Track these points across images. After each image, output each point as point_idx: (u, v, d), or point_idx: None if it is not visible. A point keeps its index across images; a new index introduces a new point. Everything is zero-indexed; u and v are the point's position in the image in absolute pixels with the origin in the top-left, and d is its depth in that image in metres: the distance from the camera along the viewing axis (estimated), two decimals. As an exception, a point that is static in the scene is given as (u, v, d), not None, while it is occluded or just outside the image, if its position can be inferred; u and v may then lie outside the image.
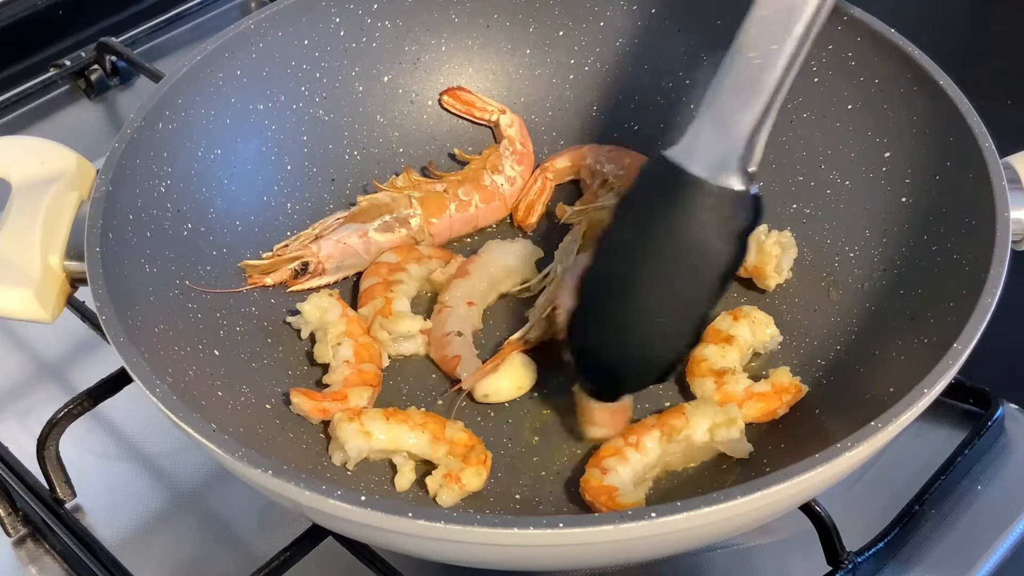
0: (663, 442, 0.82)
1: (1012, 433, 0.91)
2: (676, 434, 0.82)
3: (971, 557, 0.84)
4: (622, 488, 0.79)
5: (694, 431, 0.82)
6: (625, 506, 0.78)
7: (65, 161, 0.88)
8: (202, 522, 0.89)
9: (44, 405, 0.91)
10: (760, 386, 0.87)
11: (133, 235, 0.85)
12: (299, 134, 1.02)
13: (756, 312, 0.92)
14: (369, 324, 0.92)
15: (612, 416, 0.85)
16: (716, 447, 0.83)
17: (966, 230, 0.83)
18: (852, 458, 0.67)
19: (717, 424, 0.82)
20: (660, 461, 0.83)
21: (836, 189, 0.97)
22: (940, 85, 0.88)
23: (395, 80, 1.07)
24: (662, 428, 0.83)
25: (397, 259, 0.97)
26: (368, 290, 0.95)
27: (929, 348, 0.77)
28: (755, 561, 0.85)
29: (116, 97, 1.32)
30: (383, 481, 0.84)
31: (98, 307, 0.76)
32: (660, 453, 0.82)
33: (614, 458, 0.81)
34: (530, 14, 1.09)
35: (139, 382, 0.73)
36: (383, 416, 0.83)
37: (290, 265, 0.95)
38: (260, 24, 0.99)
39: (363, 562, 0.80)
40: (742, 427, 0.82)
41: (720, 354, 0.89)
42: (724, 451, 0.83)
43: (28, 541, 0.89)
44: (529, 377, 0.90)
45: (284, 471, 0.67)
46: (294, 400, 0.85)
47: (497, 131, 1.08)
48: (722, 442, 0.82)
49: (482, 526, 0.64)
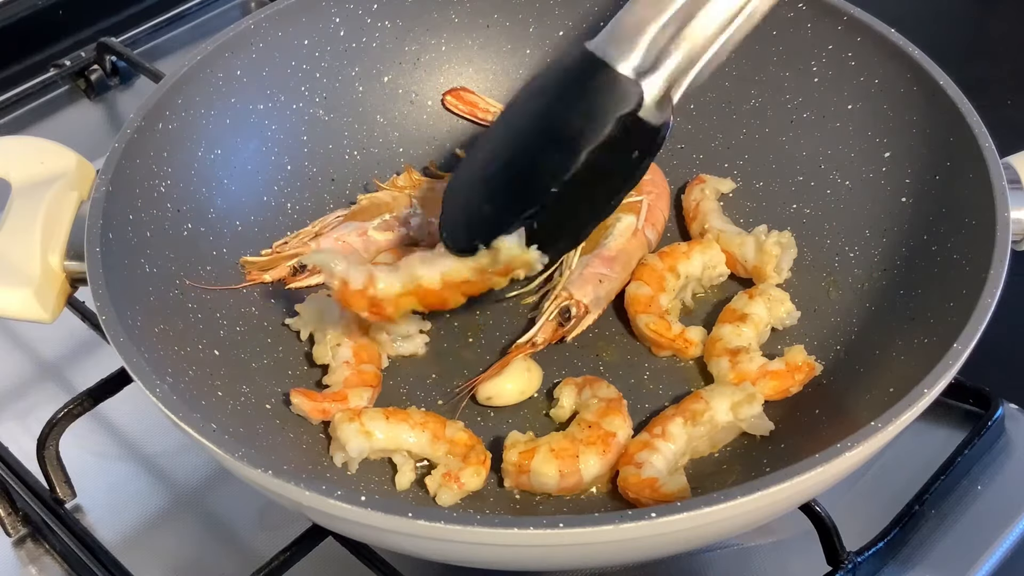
0: (688, 427, 0.83)
1: (1012, 433, 0.91)
2: (699, 417, 0.83)
3: (971, 557, 0.84)
4: (661, 478, 0.80)
5: (716, 412, 0.83)
6: (670, 495, 0.79)
7: (65, 161, 0.88)
8: (202, 522, 0.89)
9: (44, 405, 0.91)
10: (774, 364, 0.88)
11: (133, 235, 0.85)
12: (299, 134, 1.02)
13: (772, 290, 0.93)
14: (368, 324, 0.92)
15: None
16: (739, 426, 0.84)
17: (966, 230, 0.83)
18: (852, 458, 0.67)
19: (738, 402, 0.83)
20: (688, 447, 0.84)
21: (836, 189, 0.97)
22: (940, 85, 0.88)
23: (395, 80, 1.07)
24: (684, 414, 0.84)
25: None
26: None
27: (929, 348, 0.77)
28: (755, 561, 0.85)
29: (116, 97, 1.32)
30: (383, 481, 0.84)
31: (98, 307, 0.76)
32: (687, 439, 0.83)
33: (644, 451, 0.82)
34: (530, 14, 1.09)
35: (139, 382, 0.73)
36: (383, 415, 0.83)
37: (289, 262, 0.95)
38: (260, 24, 0.99)
39: (363, 562, 0.80)
40: (761, 402, 0.84)
41: (735, 333, 0.90)
42: (747, 429, 0.84)
43: (28, 541, 0.89)
44: (533, 382, 0.90)
45: (284, 471, 0.67)
46: (294, 401, 0.85)
47: (498, 131, 1.08)
48: (744, 419, 0.83)
49: (482, 526, 0.64)
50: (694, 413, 0.83)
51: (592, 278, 0.94)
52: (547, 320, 0.92)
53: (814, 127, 0.99)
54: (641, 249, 0.98)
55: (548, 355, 0.92)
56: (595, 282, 0.94)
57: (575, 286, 0.94)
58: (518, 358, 0.90)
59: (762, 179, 1.02)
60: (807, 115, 1.00)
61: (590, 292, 0.94)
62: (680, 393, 0.89)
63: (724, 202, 1.02)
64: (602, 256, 0.96)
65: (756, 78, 1.03)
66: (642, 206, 0.99)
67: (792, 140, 1.00)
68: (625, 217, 0.98)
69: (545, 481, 0.81)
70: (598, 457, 0.81)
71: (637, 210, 0.99)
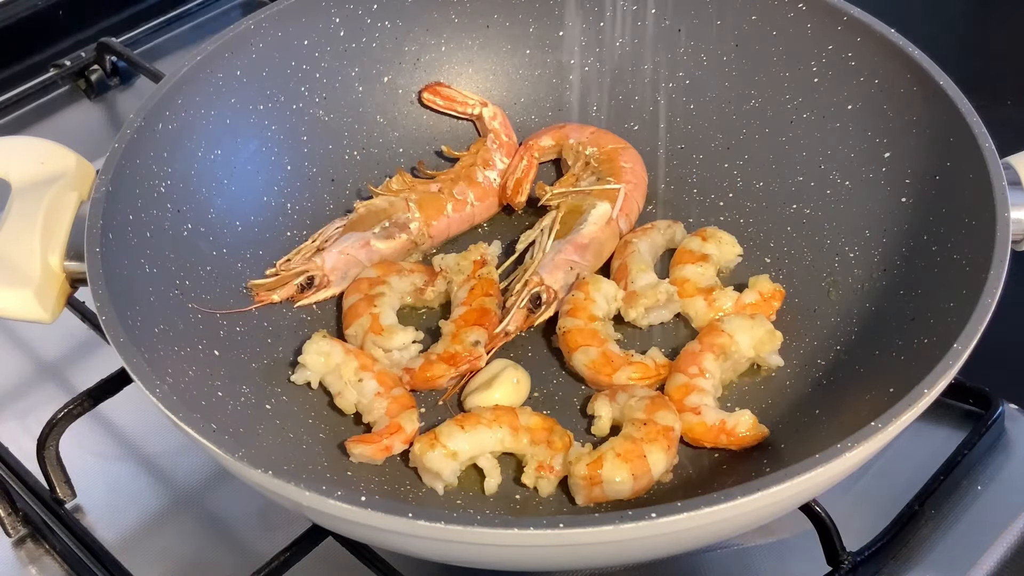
0: (720, 361, 0.86)
1: (1012, 433, 0.91)
2: (727, 350, 0.87)
3: (971, 557, 0.84)
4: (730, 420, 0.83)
5: (740, 345, 0.87)
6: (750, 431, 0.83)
7: (65, 161, 0.88)
8: (202, 522, 0.89)
9: (44, 405, 0.91)
10: (748, 296, 0.92)
11: (133, 235, 0.85)
12: (299, 134, 1.02)
13: (720, 232, 0.97)
14: (360, 342, 0.91)
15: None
16: (756, 361, 0.89)
17: (966, 230, 0.83)
18: (852, 458, 0.67)
19: (760, 339, 0.87)
20: (720, 381, 0.87)
21: (836, 189, 0.97)
22: (940, 85, 0.88)
23: (395, 80, 1.07)
24: (712, 349, 0.87)
25: (377, 274, 0.96)
26: (352, 308, 0.93)
27: (929, 348, 0.77)
28: (755, 561, 0.85)
29: (116, 97, 1.32)
30: (383, 481, 0.84)
31: (98, 307, 0.76)
32: (720, 372, 0.87)
33: (693, 395, 0.84)
34: (530, 14, 1.09)
35: (139, 382, 0.73)
36: (457, 426, 0.82)
37: (296, 280, 0.95)
38: (260, 24, 0.99)
39: (363, 562, 0.80)
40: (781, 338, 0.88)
41: (699, 272, 0.94)
42: (761, 364, 0.89)
43: (28, 541, 0.89)
44: (522, 392, 0.89)
45: (284, 471, 0.67)
46: (355, 452, 0.83)
47: (481, 125, 1.08)
48: (762, 356, 0.88)
49: (482, 526, 0.64)
50: (721, 347, 0.87)
51: (563, 264, 0.95)
52: (518, 308, 0.92)
53: (814, 127, 0.99)
54: (614, 239, 0.98)
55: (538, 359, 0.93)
56: (566, 269, 0.95)
57: (546, 271, 0.94)
58: (508, 368, 0.89)
59: (762, 179, 1.02)
60: (807, 115, 1.00)
61: (560, 278, 0.94)
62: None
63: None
64: (575, 243, 0.96)
65: (756, 78, 1.03)
66: (619, 195, 0.99)
67: (792, 140, 1.00)
68: (601, 204, 0.99)
69: (620, 488, 0.80)
70: (663, 452, 0.81)
71: (614, 198, 0.99)
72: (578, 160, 1.05)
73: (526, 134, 1.08)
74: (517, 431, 0.83)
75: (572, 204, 1.00)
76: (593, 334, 0.90)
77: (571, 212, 0.99)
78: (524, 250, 0.98)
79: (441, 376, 0.89)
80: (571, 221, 0.98)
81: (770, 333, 0.88)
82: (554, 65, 1.09)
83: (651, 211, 1.03)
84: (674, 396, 0.85)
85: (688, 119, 1.06)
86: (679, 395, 0.85)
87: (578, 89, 1.09)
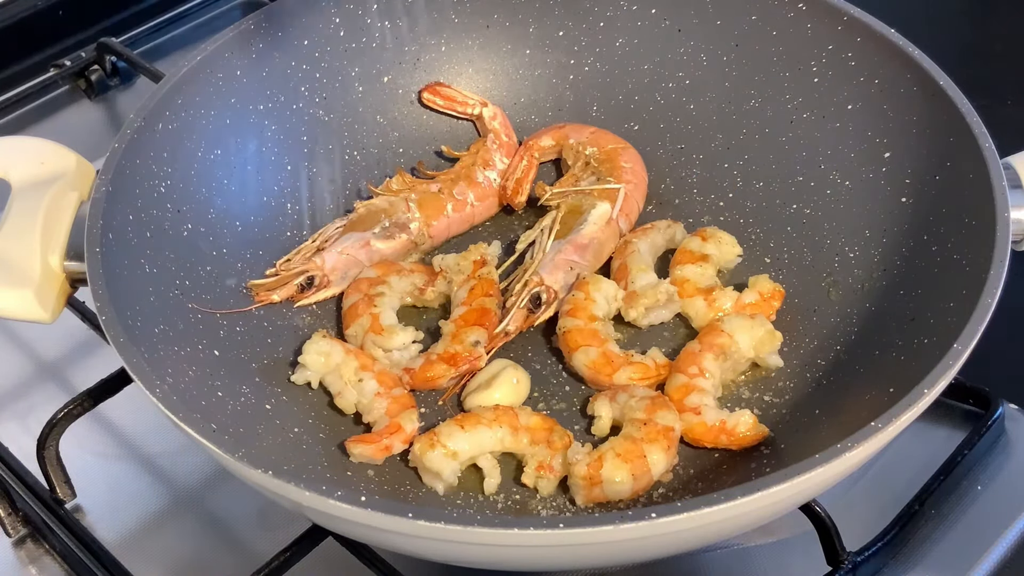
0: (720, 361, 0.86)
1: (1012, 433, 0.91)
2: (727, 351, 0.86)
3: (971, 557, 0.84)
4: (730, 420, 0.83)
5: (740, 345, 0.87)
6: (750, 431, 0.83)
7: (65, 161, 0.88)
8: (202, 522, 0.89)
9: (44, 405, 0.91)
10: (747, 296, 0.92)
11: (133, 235, 0.85)
12: (299, 134, 1.02)
13: (720, 232, 0.97)
14: (360, 342, 0.91)
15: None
16: (756, 361, 0.89)
17: (966, 230, 0.83)
18: (852, 458, 0.67)
19: (760, 340, 0.87)
20: (720, 381, 0.87)
21: (836, 189, 0.97)
22: (940, 85, 0.88)
23: (395, 80, 1.07)
24: (712, 349, 0.86)
25: (377, 274, 0.96)
26: (352, 308, 0.93)
27: (929, 348, 0.77)
28: (755, 561, 0.85)
29: (116, 97, 1.32)
30: (383, 482, 0.84)
31: (98, 307, 0.76)
32: (720, 372, 0.87)
33: (693, 394, 0.84)
34: (530, 14, 1.09)
35: (139, 382, 0.73)
36: (457, 426, 0.83)
37: (296, 280, 0.95)
38: (260, 24, 0.99)
39: (363, 562, 0.80)
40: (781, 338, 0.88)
41: (699, 272, 0.94)
42: (760, 364, 0.89)
43: (28, 541, 0.89)
44: (521, 393, 0.89)
45: (284, 471, 0.67)
46: (354, 451, 0.83)
47: (480, 124, 1.08)
48: (761, 357, 0.88)
49: (482, 526, 0.64)
50: (721, 347, 0.86)
51: (563, 264, 0.95)
52: (518, 308, 0.92)
53: (814, 127, 0.99)
54: (613, 239, 0.98)
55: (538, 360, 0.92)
56: (566, 269, 0.95)
57: (546, 271, 0.94)
58: (508, 368, 0.89)
59: (762, 179, 1.02)
60: (807, 115, 1.00)
61: (560, 278, 0.94)
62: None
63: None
64: (575, 243, 0.97)
65: (756, 78, 1.03)
66: (619, 195, 1.00)
67: (792, 140, 1.00)
68: (601, 204, 0.99)
69: (620, 488, 0.80)
70: (663, 452, 0.81)
71: (614, 198, 0.99)
72: (578, 160, 1.05)
73: (526, 134, 1.08)
74: (517, 431, 0.83)
75: (572, 204, 1.00)
76: (593, 334, 0.90)
77: (571, 212, 0.99)
78: (524, 250, 0.98)
79: (441, 376, 0.89)
80: (571, 221, 0.98)
81: (770, 333, 0.88)
82: (554, 65, 1.09)
83: (651, 211, 1.03)
84: (674, 396, 0.85)
85: (688, 119, 1.06)
86: (679, 395, 0.85)
87: (578, 89, 1.09)
